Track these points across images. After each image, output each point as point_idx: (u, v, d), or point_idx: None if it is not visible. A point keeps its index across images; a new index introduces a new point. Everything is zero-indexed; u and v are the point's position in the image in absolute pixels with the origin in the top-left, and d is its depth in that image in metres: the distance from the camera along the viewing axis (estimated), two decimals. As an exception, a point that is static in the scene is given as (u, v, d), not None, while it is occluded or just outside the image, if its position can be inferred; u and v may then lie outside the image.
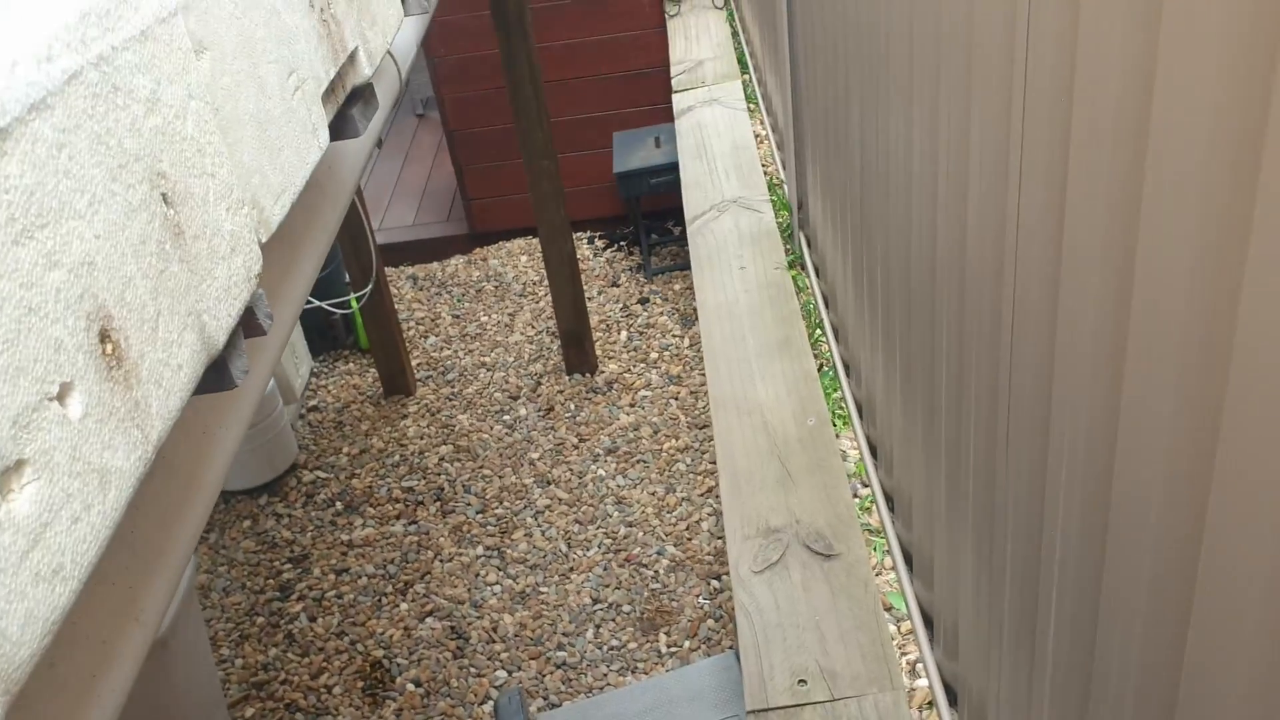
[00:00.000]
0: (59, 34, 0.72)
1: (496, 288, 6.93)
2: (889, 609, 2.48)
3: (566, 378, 5.99)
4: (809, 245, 4.21)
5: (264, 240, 1.04)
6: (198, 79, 0.90)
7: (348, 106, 1.38)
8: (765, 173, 4.90)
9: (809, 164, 4.15)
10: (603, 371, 5.97)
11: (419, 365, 6.24)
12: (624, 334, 6.29)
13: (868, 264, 2.87)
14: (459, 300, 6.86)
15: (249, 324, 1.02)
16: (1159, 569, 1.02)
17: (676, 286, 6.69)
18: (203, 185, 0.90)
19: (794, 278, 4.08)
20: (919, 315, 2.13)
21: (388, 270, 6.67)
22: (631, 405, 5.68)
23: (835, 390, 3.38)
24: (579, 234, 6.96)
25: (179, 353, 0.85)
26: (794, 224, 4.39)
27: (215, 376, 0.94)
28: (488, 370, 6.13)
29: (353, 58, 1.33)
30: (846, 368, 3.40)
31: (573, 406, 5.74)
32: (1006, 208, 1.32)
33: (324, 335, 6.39)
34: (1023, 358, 1.37)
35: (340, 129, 1.37)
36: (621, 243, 7.13)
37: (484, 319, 6.61)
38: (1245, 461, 0.84)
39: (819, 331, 3.76)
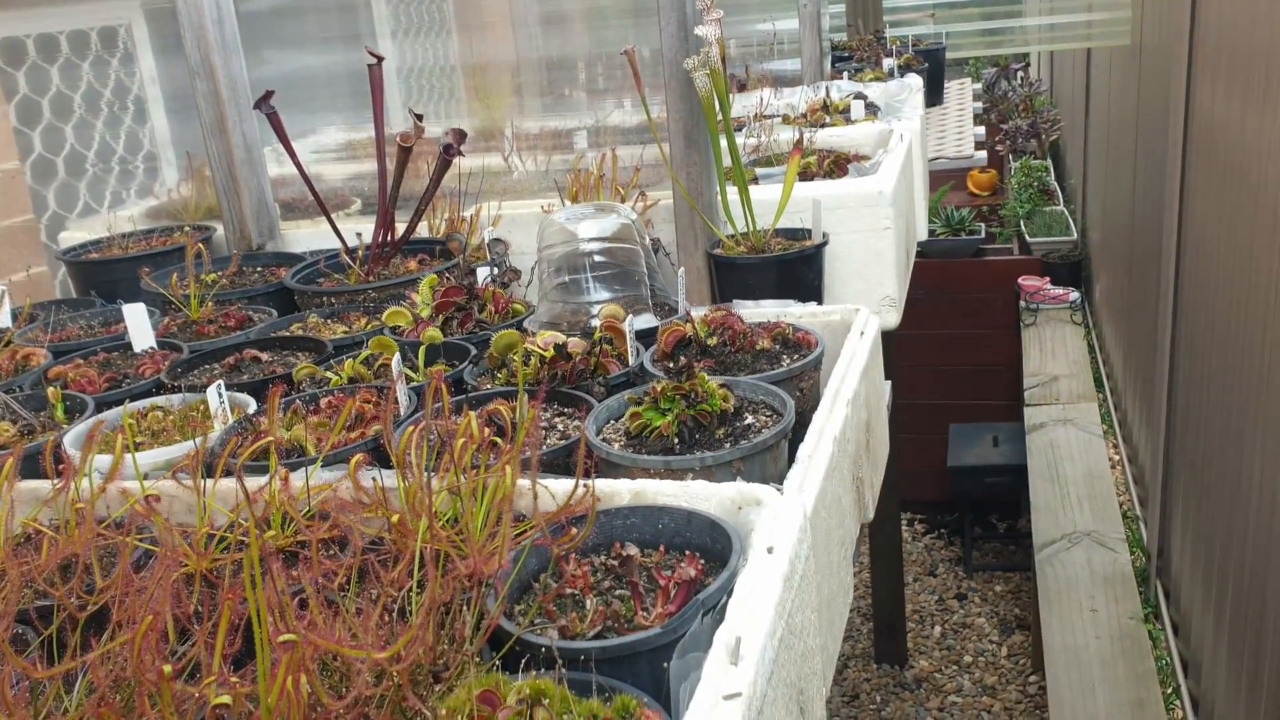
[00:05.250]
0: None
1: (814, 558, 7.02)
2: None
3: (875, 666, 5.93)
4: (1167, 599, 4.08)
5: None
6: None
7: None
8: (1119, 503, 4.81)
9: (1176, 511, 4.06)
10: (912, 666, 5.88)
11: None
12: (938, 629, 6.19)
13: (1253, 646, 2.75)
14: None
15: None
16: None
17: (998, 588, 6.55)
18: (813, 685, 1.11)
19: (1149, 631, 3.95)
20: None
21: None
22: (940, 710, 5.55)
23: (1199, 780, 3.22)
24: (900, 514, 6.98)
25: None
26: (1150, 570, 4.28)
27: None
28: (799, 644, 6.17)
29: (865, 507, 1.55)
30: (1211, 754, 3.24)
31: (878, 699, 5.67)
32: None
33: None
34: None
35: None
36: (942, 530, 7.08)
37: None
38: None
39: (1175, 700, 3.62)
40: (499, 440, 1.17)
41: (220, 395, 1.50)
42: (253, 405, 1.59)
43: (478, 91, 3.57)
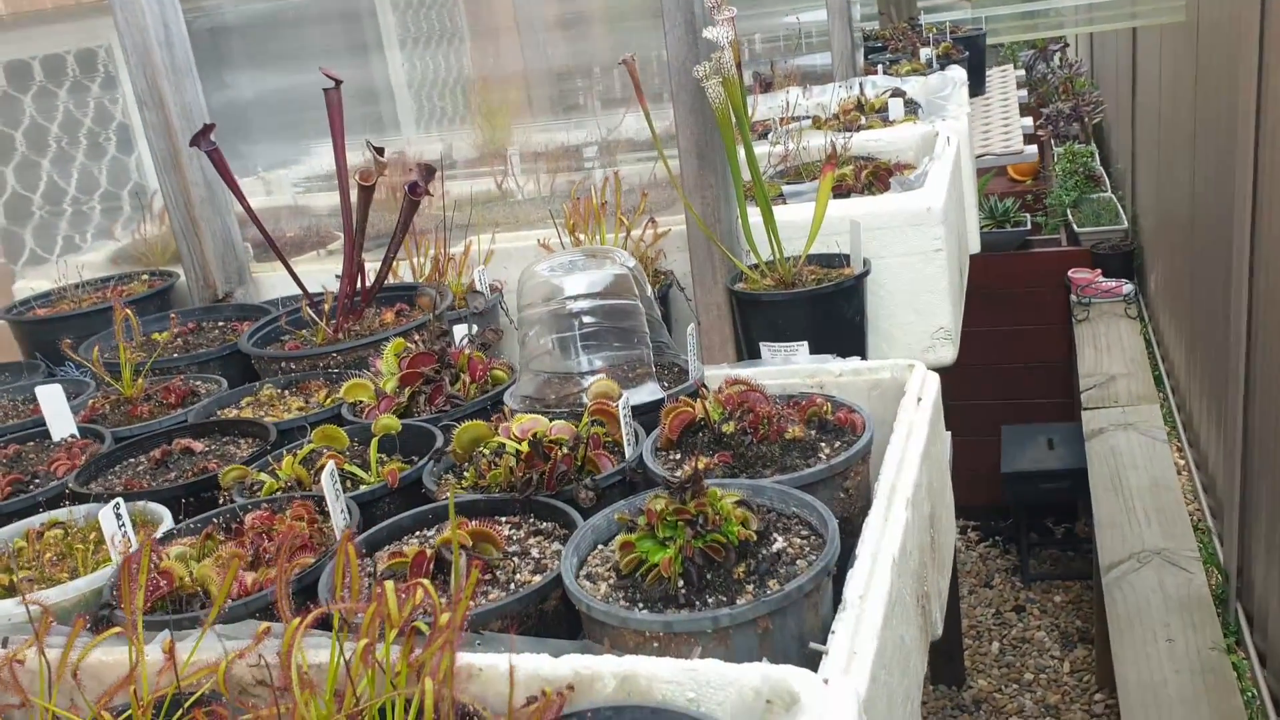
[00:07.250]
0: None
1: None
2: None
3: (931, 687, 5.60)
4: (1250, 624, 3.73)
5: None
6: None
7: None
8: (1189, 514, 4.46)
9: (1257, 524, 3.71)
10: (971, 686, 5.55)
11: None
12: (996, 645, 5.85)
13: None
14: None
15: None
16: None
17: (1057, 598, 6.20)
18: None
19: (1233, 663, 3.60)
20: None
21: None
22: (1002, 734, 5.22)
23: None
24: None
25: None
26: (1229, 592, 3.93)
27: None
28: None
29: (934, 625, 1.24)
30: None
31: (936, 724, 5.35)
32: None
33: None
34: None
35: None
36: (997, 537, 6.74)
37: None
38: None
39: (1269, 741, 3.28)
40: (433, 612, 0.87)
41: (119, 517, 1.21)
42: (167, 521, 1.30)
43: (483, 108, 3.28)
